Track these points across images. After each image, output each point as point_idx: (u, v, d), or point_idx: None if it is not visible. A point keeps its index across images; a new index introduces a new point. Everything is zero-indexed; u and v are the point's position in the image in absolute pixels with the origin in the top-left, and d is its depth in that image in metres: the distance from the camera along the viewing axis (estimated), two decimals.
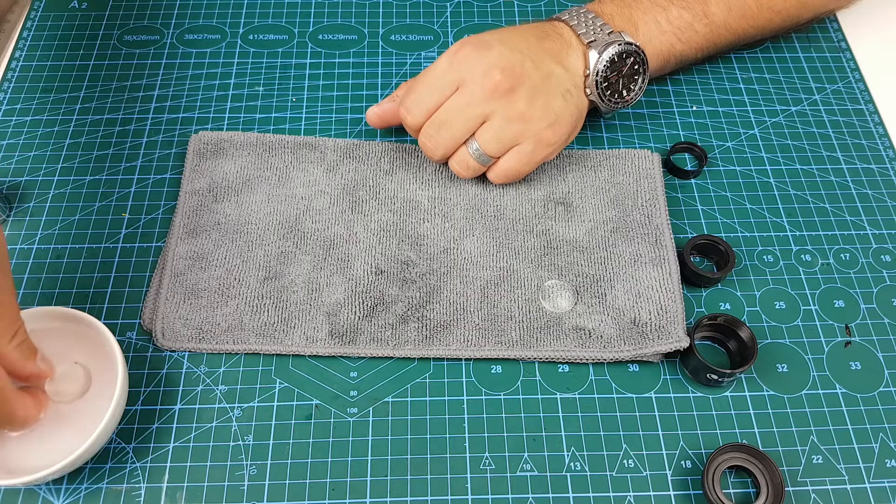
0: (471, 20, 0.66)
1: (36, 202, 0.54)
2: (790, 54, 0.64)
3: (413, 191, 0.54)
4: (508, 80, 0.47)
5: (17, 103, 0.59)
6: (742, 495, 0.44)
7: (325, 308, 0.48)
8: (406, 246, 0.51)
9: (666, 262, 0.50)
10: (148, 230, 0.53)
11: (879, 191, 0.56)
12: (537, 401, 0.47)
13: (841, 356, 0.49)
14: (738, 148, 0.58)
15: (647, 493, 0.44)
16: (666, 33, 0.55)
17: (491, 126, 0.49)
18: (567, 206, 0.53)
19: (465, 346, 0.47)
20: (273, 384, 0.47)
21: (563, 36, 0.52)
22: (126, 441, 0.45)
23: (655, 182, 0.54)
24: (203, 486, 0.43)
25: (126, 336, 0.48)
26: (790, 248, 0.53)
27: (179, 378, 0.47)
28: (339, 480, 0.44)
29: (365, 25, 0.66)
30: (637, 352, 0.47)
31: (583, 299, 0.49)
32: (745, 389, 0.47)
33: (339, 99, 0.60)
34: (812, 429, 0.46)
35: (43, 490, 0.43)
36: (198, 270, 0.50)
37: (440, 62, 0.49)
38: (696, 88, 0.62)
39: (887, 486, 0.44)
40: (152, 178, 0.55)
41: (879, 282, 0.52)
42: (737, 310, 0.50)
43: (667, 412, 0.46)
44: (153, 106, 0.59)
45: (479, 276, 0.50)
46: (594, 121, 0.59)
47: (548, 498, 0.43)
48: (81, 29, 0.64)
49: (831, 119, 0.60)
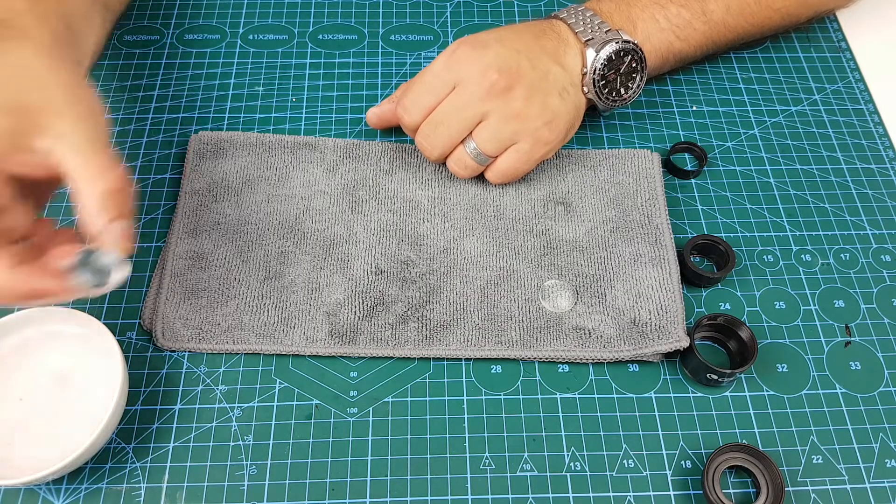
0: (471, 20, 0.66)
1: None
2: (790, 54, 0.64)
3: (413, 191, 0.54)
4: (505, 79, 0.47)
5: None
6: (742, 495, 0.44)
7: (325, 308, 0.48)
8: (406, 246, 0.51)
9: (666, 262, 0.50)
10: (148, 230, 0.53)
11: (879, 191, 0.56)
12: (537, 401, 0.47)
13: (841, 356, 0.49)
14: (738, 148, 0.58)
15: (647, 493, 0.44)
16: (664, 31, 0.55)
17: (488, 125, 0.49)
18: (567, 206, 0.53)
19: (465, 346, 0.47)
20: (273, 384, 0.47)
21: (561, 34, 0.52)
22: (126, 441, 0.45)
23: (655, 182, 0.54)
24: (203, 486, 0.43)
25: (126, 336, 0.48)
26: (790, 248, 0.53)
27: (179, 378, 0.47)
28: (339, 480, 0.44)
29: (365, 25, 0.66)
30: (637, 352, 0.47)
31: (583, 299, 0.49)
32: (745, 389, 0.47)
33: (339, 99, 0.60)
34: (812, 429, 0.46)
35: (43, 490, 0.43)
36: (198, 270, 0.50)
37: (437, 62, 0.49)
38: (696, 88, 0.62)
39: (887, 486, 0.44)
40: (152, 178, 0.55)
41: (879, 282, 0.52)
42: (737, 310, 0.50)
43: (667, 412, 0.46)
44: (153, 106, 0.59)
45: (479, 275, 0.50)
46: (594, 120, 0.59)
47: (548, 498, 0.43)
48: None
49: (831, 119, 0.60)
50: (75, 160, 0.39)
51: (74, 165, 0.39)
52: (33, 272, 0.39)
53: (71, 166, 0.39)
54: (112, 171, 0.39)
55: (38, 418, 0.44)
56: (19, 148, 0.39)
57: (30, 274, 0.38)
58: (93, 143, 0.40)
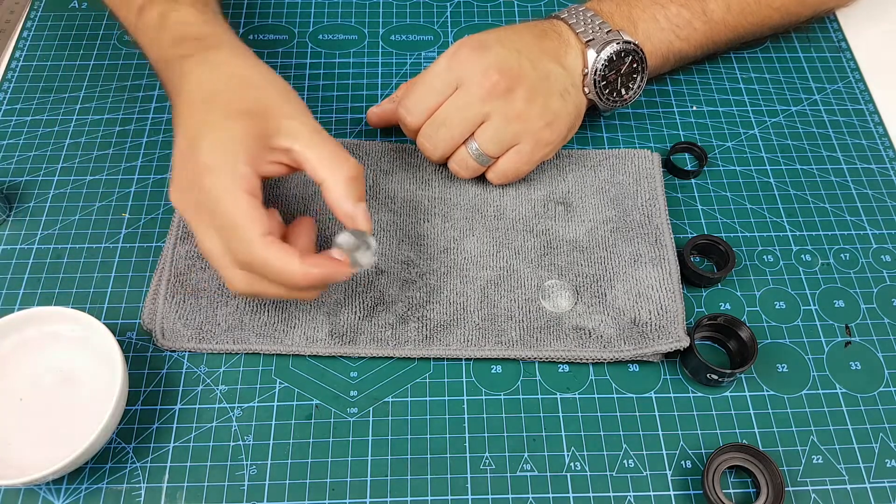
0: (471, 20, 0.66)
1: (36, 202, 0.54)
2: (790, 54, 0.64)
3: (413, 191, 0.54)
4: (506, 80, 0.47)
5: (17, 103, 0.59)
6: (742, 495, 0.44)
7: (325, 308, 0.48)
8: (406, 246, 0.51)
9: (666, 262, 0.50)
10: (148, 230, 0.53)
11: (879, 191, 0.56)
12: (537, 401, 0.47)
13: (841, 356, 0.49)
14: (738, 148, 0.58)
15: (647, 493, 0.44)
16: (665, 31, 0.55)
17: (490, 126, 0.49)
18: (567, 206, 0.53)
19: (465, 346, 0.47)
20: (273, 384, 0.47)
21: (562, 35, 0.52)
22: (126, 441, 0.45)
23: (655, 182, 0.54)
24: (203, 486, 0.43)
25: (126, 336, 0.48)
26: (790, 248, 0.53)
27: (179, 378, 0.47)
28: (339, 480, 0.44)
29: (365, 25, 0.66)
30: (637, 352, 0.47)
31: (583, 299, 0.49)
32: (745, 389, 0.47)
33: (339, 99, 0.60)
34: (812, 429, 0.46)
35: (43, 490, 0.43)
36: (198, 270, 0.50)
37: (438, 63, 0.49)
38: (696, 88, 0.62)
39: (887, 486, 0.44)
40: (152, 178, 0.55)
41: (879, 282, 0.52)
42: (737, 310, 0.50)
43: (667, 412, 0.46)
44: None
45: (479, 275, 0.50)
46: (594, 120, 0.59)
47: (548, 498, 0.43)
48: (81, 29, 0.64)
49: (831, 119, 0.60)
50: (314, 153, 0.42)
51: (317, 158, 0.42)
52: (318, 260, 0.41)
53: (313, 159, 0.42)
54: (349, 159, 0.43)
55: (38, 418, 0.44)
56: (269, 149, 0.42)
57: (316, 262, 0.41)
58: (320, 135, 0.43)
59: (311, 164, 0.42)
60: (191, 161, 0.41)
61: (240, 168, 0.40)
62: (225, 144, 0.41)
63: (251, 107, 0.42)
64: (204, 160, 0.40)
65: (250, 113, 0.42)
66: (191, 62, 0.45)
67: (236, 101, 0.42)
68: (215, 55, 0.45)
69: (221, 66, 0.44)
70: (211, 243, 0.41)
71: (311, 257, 0.41)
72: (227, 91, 0.43)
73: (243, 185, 0.40)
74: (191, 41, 0.46)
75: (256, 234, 0.40)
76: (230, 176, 0.40)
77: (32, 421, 0.44)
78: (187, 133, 0.42)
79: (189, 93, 0.43)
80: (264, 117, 0.42)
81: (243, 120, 0.41)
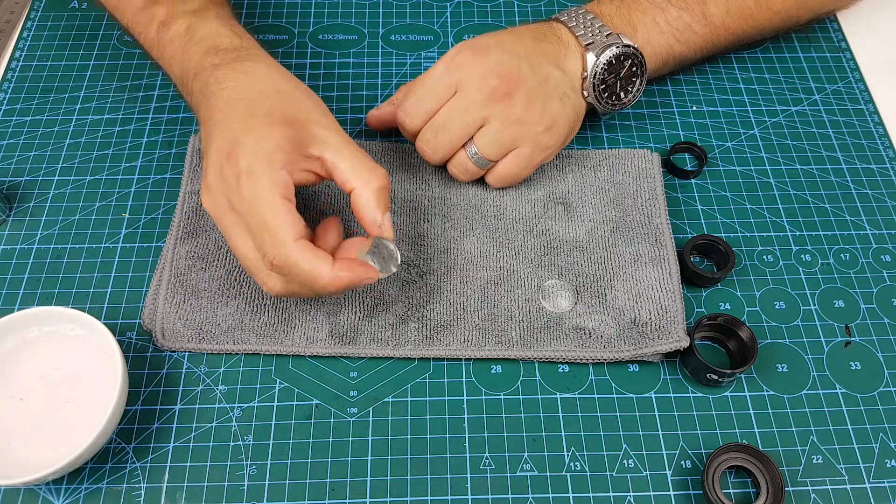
0: (471, 20, 0.66)
1: (36, 202, 0.54)
2: (790, 54, 0.64)
3: (413, 191, 0.54)
4: (505, 84, 0.47)
5: (17, 103, 0.59)
6: (742, 495, 0.44)
7: (325, 308, 0.48)
8: (406, 246, 0.51)
9: (666, 262, 0.50)
10: (148, 230, 0.53)
11: (879, 191, 0.56)
12: (537, 401, 0.47)
13: (841, 356, 0.49)
14: (738, 148, 0.58)
15: (647, 493, 0.44)
16: (664, 34, 0.55)
17: (489, 130, 0.49)
18: (567, 206, 0.53)
19: (465, 346, 0.47)
20: (273, 384, 0.47)
21: (561, 38, 0.52)
22: (126, 441, 0.45)
23: (655, 182, 0.54)
24: (203, 486, 0.43)
25: (126, 336, 0.48)
26: (790, 248, 0.53)
27: (179, 378, 0.47)
28: (339, 480, 0.44)
29: (365, 25, 0.66)
30: (637, 352, 0.47)
31: (583, 299, 0.49)
32: (745, 389, 0.47)
33: (338, 99, 0.60)
34: (812, 429, 0.46)
35: (43, 490, 0.43)
36: (198, 270, 0.50)
37: (438, 66, 0.49)
38: (696, 88, 0.62)
39: (887, 486, 0.44)
40: (152, 178, 0.56)
41: (879, 282, 0.52)
42: (737, 310, 0.50)
43: (667, 412, 0.46)
44: (153, 106, 0.59)
45: (479, 275, 0.50)
46: (594, 121, 0.59)
47: (548, 498, 0.43)
48: (81, 29, 0.64)
49: (831, 119, 0.60)
50: (346, 163, 0.43)
51: (348, 168, 0.43)
52: (347, 265, 0.42)
53: (346, 169, 0.43)
54: (378, 169, 0.44)
55: (38, 418, 0.44)
56: (304, 157, 0.43)
57: (345, 268, 0.42)
58: (350, 145, 0.44)
59: (342, 173, 0.44)
60: (228, 164, 0.42)
61: (278, 173, 0.41)
62: (265, 150, 0.42)
63: (290, 116, 0.43)
64: (244, 164, 0.41)
65: (289, 122, 0.43)
66: (226, 70, 0.46)
67: (277, 110, 0.43)
68: (253, 66, 0.46)
69: (262, 77, 0.46)
70: (245, 248, 0.42)
71: (340, 262, 0.42)
72: (267, 100, 0.44)
73: (280, 190, 0.41)
74: (226, 52, 0.48)
75: (290, 237, 0.41)
76: (269, 180, 0.41)
77: (32, 421, 0.44)
78: (227, 136, 0.43)
79: (228, 99, 0.44)
80: (301, 127, 0.43)
81: (282, 128, 0.42)
